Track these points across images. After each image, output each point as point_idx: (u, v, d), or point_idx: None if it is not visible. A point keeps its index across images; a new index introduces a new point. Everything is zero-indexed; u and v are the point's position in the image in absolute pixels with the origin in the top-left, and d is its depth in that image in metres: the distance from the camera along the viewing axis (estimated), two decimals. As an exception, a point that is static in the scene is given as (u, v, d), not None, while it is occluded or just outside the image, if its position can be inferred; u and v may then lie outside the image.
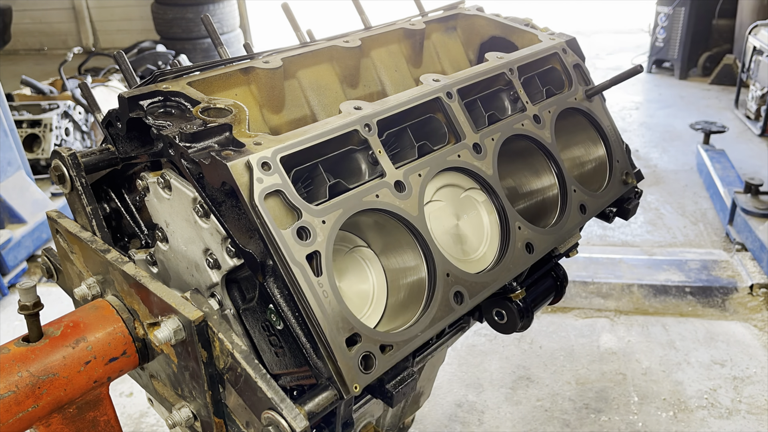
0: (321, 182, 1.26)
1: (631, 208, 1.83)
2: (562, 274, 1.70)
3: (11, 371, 1.12)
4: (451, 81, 1.49)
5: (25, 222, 4.90)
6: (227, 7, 9.98)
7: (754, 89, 6.77)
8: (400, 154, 1.42)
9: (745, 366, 3.57)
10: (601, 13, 12.72)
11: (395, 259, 1.37)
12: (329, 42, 1.62)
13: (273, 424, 1.07)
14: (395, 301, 1.36)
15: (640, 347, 3.75)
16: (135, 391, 3.60)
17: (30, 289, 1.19)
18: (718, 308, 4.08)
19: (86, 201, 1.39)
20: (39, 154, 5.81)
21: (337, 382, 1.11)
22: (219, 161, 1.12)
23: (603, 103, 1.81)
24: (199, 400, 1.24)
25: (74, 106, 6.17)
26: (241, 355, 1.13)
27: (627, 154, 1.82)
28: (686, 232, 5.03)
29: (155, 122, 1.24)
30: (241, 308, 1.25)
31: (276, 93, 1.50)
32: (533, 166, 1.67)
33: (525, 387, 3.49)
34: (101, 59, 9.26)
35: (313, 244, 1.14)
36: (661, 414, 3.27)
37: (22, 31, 12.11)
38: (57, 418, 1.21)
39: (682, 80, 8.64)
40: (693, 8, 8.29)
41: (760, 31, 6.47)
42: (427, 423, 3.30)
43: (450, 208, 1.48)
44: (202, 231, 1.21)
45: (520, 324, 1.50)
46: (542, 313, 4.06)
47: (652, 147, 6.64)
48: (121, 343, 1.26)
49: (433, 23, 1.87)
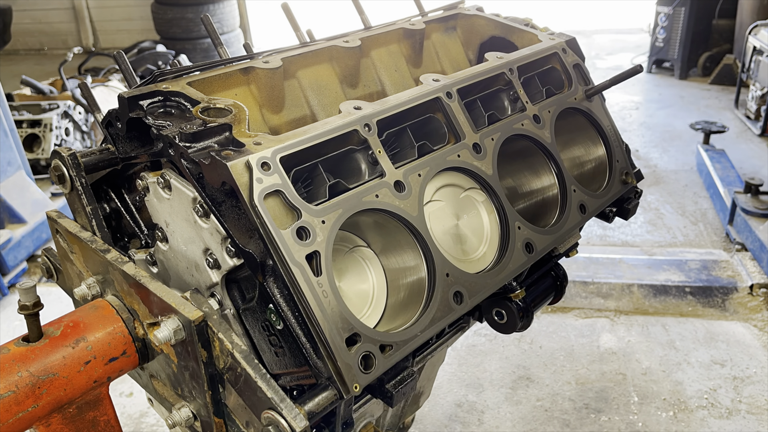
0: (321, 182, 1.26)
1: (631, 208, 1.83)
2: (562, 273, 1.71)
3: (11, 371, 1.12)
4: (451, 81, 1.49)
5: (25, 222, 4.90)
6: (227, 7, 9.98)
7: (754, 89, 6.77)
8: (400, 154, 1.42)
9: (745, 366, 3.57)
10: (601, 13, 12.72)
11: (395, 258, 1.37)
12: (329, 42, 1.62)
13: (273, 423, 1.07)
14: (395, 301, 1.36)
15: (640, 347, 3.75)
16: (135, 391, 3.60)
17: (30, 289, 1.19)
18: (718, 308, 4.08)
19: (86, 201, 1.39)
20: (39, 154, 5.81)
21: (337, 381, 1.11)
22: (219, 161, 1.12)
23: (603, 103, 1.81)
24: (199, 400, 1.24)
25: (74, 106, 6.17)
26: (241, 355, 1.13)
27: (627, 154, 1.82)
28: (686, 232, 5.03)
29: (155, 122, 1.24)
30: (241, 308, 1.25)
31: (276, 93, 1.50)
32: (533, 166, 1.67)
33: (525, 387, 3.49)
34: (101, 59, 9.26)
35: (312, 244, 1.14)
36: (661, 414, 3.27)
37: (22, 31, 12.11)
38: (57, 418, 1.21)
39: (682, 80, 8.64)
40: (693, 8, 8.29)
41: (760, 31, 6.47)
42: (427, 423, 3.30)
43: (450, 208, 1.48)
44: (202, 231, 1.21)
45: (520, 324, 1.50)
46: (542, 313, 4.06)
47: (652, 147, 6.64)
48: (121, 343, 1.26)
49: (433, 23, 1.87)
